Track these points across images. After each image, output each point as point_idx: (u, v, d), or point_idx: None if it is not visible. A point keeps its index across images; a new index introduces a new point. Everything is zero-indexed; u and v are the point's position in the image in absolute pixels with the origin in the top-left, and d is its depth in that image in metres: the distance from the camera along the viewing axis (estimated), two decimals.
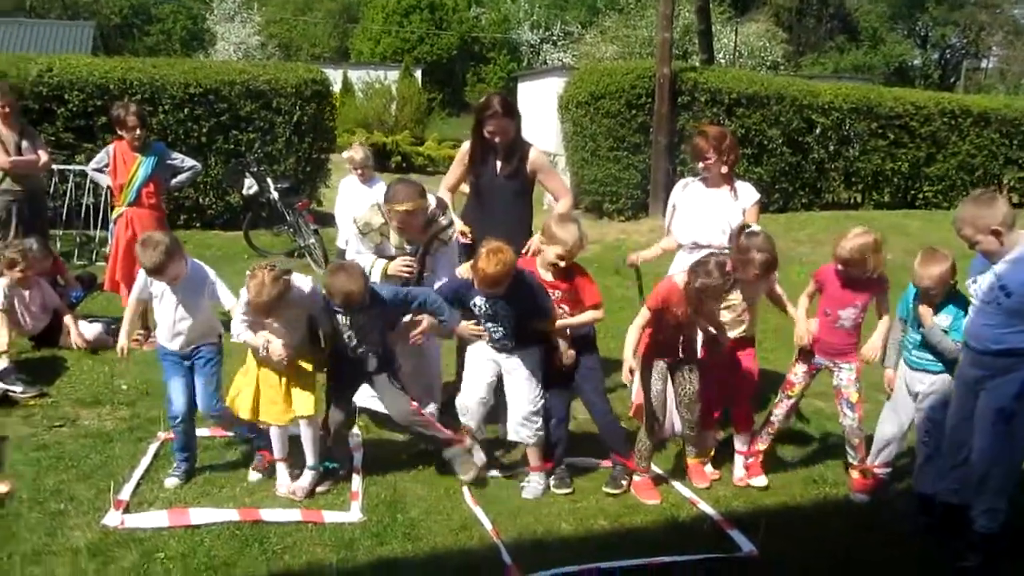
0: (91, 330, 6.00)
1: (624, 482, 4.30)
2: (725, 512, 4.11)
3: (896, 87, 18.13)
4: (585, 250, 4.44)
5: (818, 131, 13.06)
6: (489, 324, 4.19)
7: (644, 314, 4.19)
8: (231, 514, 3.79)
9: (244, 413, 4.13)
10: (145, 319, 5.87)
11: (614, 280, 8.70)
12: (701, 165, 4.77)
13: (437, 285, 4.36)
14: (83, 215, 9.30)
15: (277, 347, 3.93)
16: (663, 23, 12.08)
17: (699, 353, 4.37)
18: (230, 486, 4.16)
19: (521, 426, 4.23)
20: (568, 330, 4.28)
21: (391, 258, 4.45)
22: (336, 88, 16.21)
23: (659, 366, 4.26)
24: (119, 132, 6.10)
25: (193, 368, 4.19)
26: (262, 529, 3.71)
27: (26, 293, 5.64)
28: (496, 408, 4.43)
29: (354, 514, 3.90)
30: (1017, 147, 14.59)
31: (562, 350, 4.25)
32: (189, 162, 6.44)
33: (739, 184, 4.84)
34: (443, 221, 4.50)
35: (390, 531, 3.76)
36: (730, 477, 4.50)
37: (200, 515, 3.77)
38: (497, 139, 4.69)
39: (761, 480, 4.43)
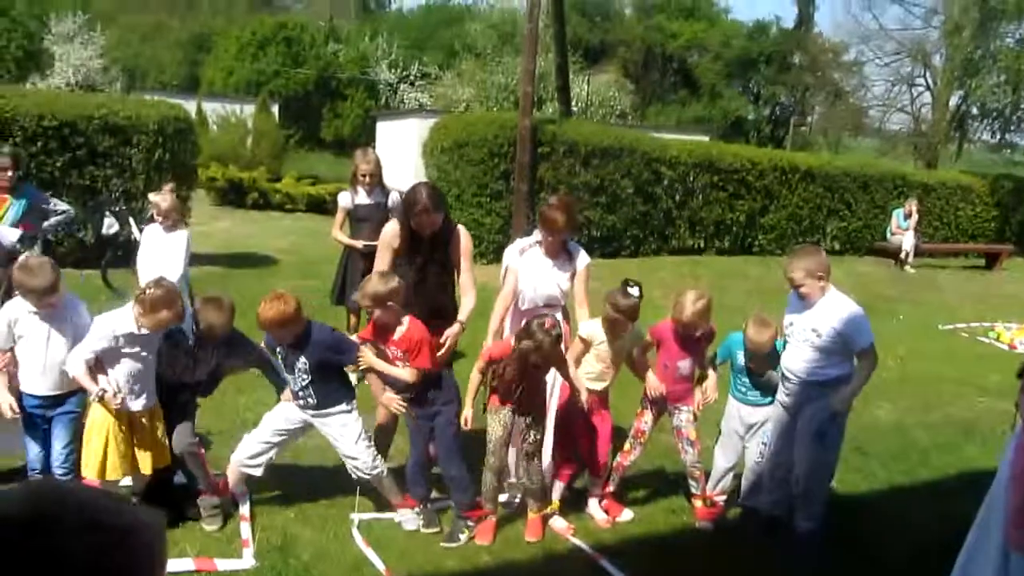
0: None
1: (462, 536, 4.40)
2: (595, 544, 4.47)
3: (733, 141, 19.64)
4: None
5: (666, 182, 13.99)
6: (289, 377, 4.37)
7: (478, 365, 4.52)
8: None
9: (90, 473, 4.06)
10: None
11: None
12: (551, 238, 4.87)
13: None
14: None
15: (112, 398, 3.96)
16: (526, 77, 12.66)
17: (547, 405, 4.65)
18: None
19: (356, 472, 4.43)
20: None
21: None
22: None
23: (502, 412, 4.46)
24: None
25: (52, 419, 4.13)
26: None
27: None
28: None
29: (247, 560, 3.98)
30: (838, 200, 16.12)
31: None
32: (62, 206, 6.28)
33: (572, 247, 4.99)
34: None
35: (285, 574, 3.88)
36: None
37: None
38: (426, 232, 4.71)
39: (627, 514, 4.82)
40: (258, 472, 4.46)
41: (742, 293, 11.95)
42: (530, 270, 4.96)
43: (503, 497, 4.77)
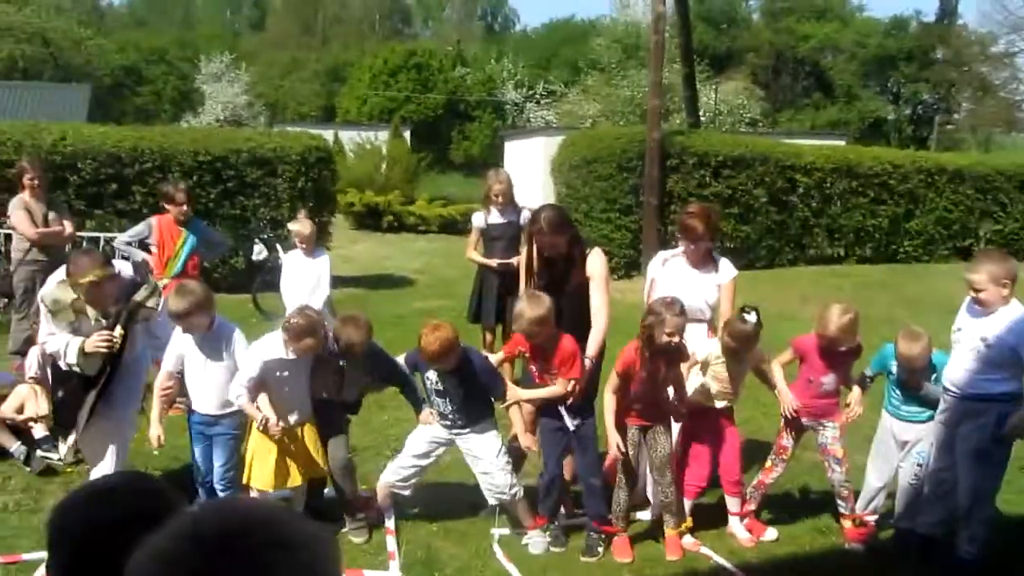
0: None
1: (600, 549, 4.40)
2: (740, 564, 4.36)
3: (872, 143, 18.81)
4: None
5: (801, 190, 13.55)
6: (438, 399, 4.44)
7: (612, 379, 4.45)
8: None
9: (260, 484, 4.31)
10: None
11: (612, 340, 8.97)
12: (692, 247, 4.81)
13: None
14: None
15: (274, 426, 4.18)
16: (653, 90, 12.59)
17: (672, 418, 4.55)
18: None
19: (492, 492, 4.46)
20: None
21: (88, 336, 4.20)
22: None
23: (630, 432, 4.43)
24: (167, 207, 6.35)
25: (212, 439, 4.38)
26: None
27: None
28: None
29: (393, 572, 4.11)
30: (991, 201, 15.15)
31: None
32: (221, 237, 6.72)
33: (719, 259, 4.90)
34: (144, 291, 4.33)
35: None
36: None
37: None
38: (547, 254, 4.63)
39: (771, 533, 4.66)
40: (406, 492, 4.61)
41: (887, 304, 11.33)
42: (672, 280, 4.88)
43: (645, 515, 4.72)
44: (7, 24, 36.83)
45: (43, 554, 4.03)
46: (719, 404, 4.66)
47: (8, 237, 7.87)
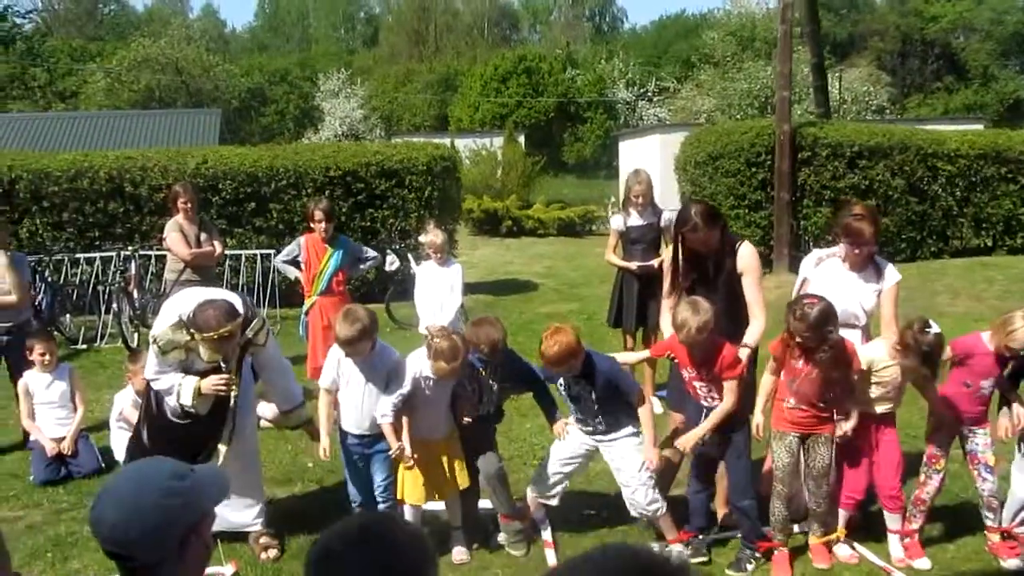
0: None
1: (749, 566, 4.22)
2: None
3: (1014, 127, 17.60)
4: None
5: (943, 178, 12.80)
6: (572, 406, 4.34)
7: (769, 367, 4.29)
8: None
9: (413, 499, 4.33)
10: None
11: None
12: (856, 250, 4.53)
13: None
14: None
15: (408, 457, 4.22)
16: (782, 82, 12.17)
17: (832, 427, 4.31)
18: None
19: (634, 505, 4.33)
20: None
21: (200, 373, 4.10)
22: None
23: (787, 439, 4.24)
24: (311, 225, 6.51)
25: (371, 457, 4.38)
26: None
27: None
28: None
29: None
30: None
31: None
32: (371, 253, 6.82)
33: (880, 262, 4.63)
34: (255, 325, 4.23)
35: None
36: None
37: None
38: (700, 250, 4.44)
39: (924, 563, 4.29)
40: (554, 502, 4.54)
41: None
42: (827, 283, 4.63)
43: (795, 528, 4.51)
44: (145, 56, 39.19)
45: None
46: (880, 409, 4.39)
47: (160, 259, 8.30)
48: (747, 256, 4.49)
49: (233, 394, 4.16)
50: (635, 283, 6.51)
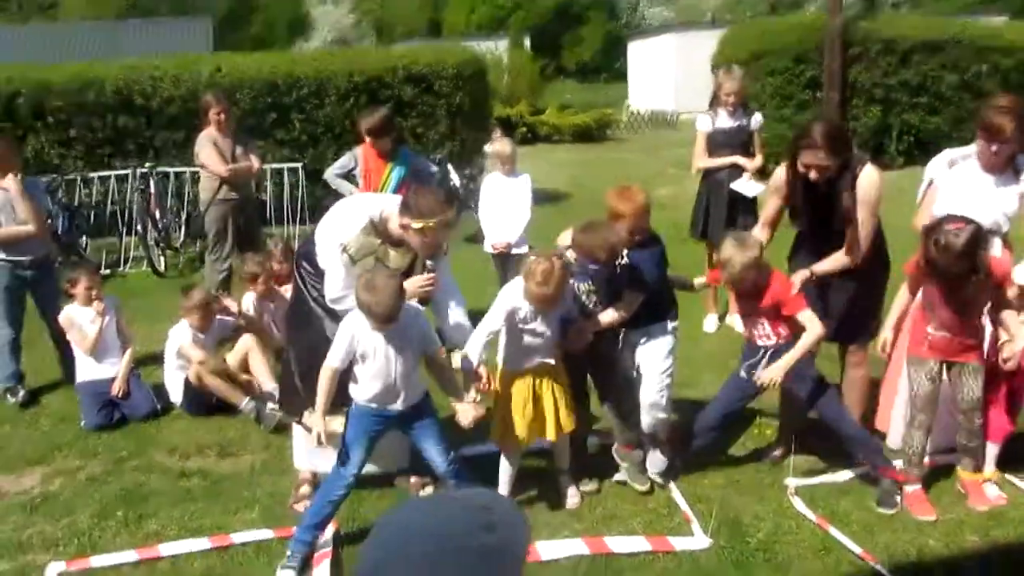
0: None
1: (897, 498, 3.83)
2: None
3: None
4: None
5: (999, 75, 12.10)
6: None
7: (907, 284, 3.93)
8: (579, 546, 3.54)
9: (519, 436, 3.79)
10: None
11: None
12: (995, 148, 3.99)
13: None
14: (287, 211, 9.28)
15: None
16: None
17: (985, 354, 3.88)
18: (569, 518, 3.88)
19: (646, 412, 4.00)
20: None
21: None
22: None
23: (928, 365, 3.81)
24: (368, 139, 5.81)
25: (412, 428, 3.59)
26: (615, 561, 3.46)
27: (271, 305, 5.52)
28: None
29: (700, 539, 3.60)
30: None
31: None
32: (432, 166, 6.17)
33: (1022, 162, 4.07)
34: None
35: (751, 560, 3.46)
36: None
37: (549, 549, 3.53)
38: (813, 175, 3.90)
39: None
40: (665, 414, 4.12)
41: None
42: (961, 188, 4.10)
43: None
44: None
45: (261, 534, 3.69)
46: None
47: (195, 177, 7.63)
48: (868, 184, 3.92)
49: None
50: (723, 190, 5.93)
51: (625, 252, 3.80)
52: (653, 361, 4.00)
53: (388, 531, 1.13)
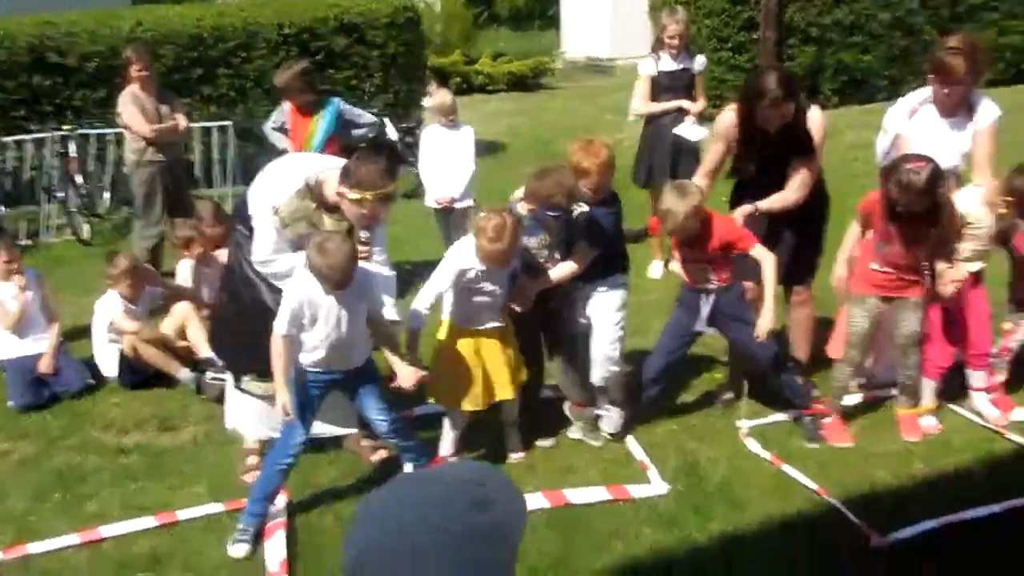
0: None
1: (823, 432, 3.93)
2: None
3: None
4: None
5: (929, 10, 12.21)
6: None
7: (856, 218, 3.94)
8: (539, 499, 3.49)
9: (468, 403, 3.71)
10: None
11: None
12: (947, 91, 3.97)
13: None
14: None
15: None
16: None
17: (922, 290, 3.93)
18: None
19: (599, 365, 3.95)
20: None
21: None
22: None
23: (869, 302, 3.86)
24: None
25: (355, 389, 3.52)
26: (574, 512, 3.43)
27: (207, 270, 5.29)
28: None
29: (658, 485, 3.60)
30: None
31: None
32: (367, 117, 5.88)
33: (975, 99, 4.06)
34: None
35: (709, 502, 3.46)
36: None
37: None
38: (774, 125, 3.85)
39: (1020, 413, 4.05)
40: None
41: None
42: (922, 137, 4.09)
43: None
44: None
45: (209, 508, 3.56)
46: (971, 268, 3.97)
47: (119, 138, 7.25)
48: (814, 126, 3.92)
49: None
50: (667, 135, 5.86)
51: (585, 206, 3.72)
52: (605, 314, 3.94)
53: (373, 519, 1.03)
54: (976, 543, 3.10)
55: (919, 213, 3.61)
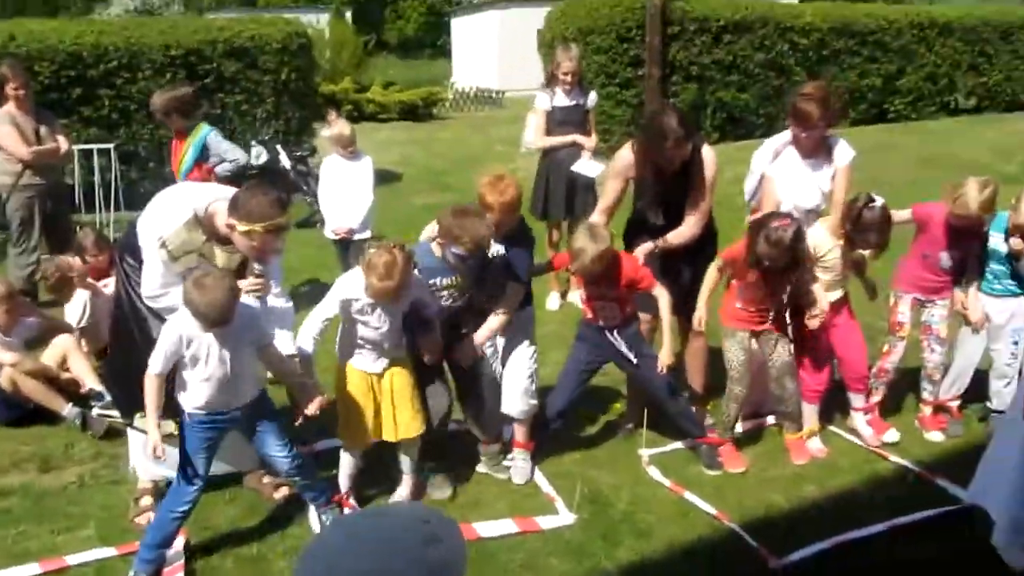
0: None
1: (720, 459, 4.09)
2: (917, 463, 4.05)
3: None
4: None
5: (799, 53, 13.01)
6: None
7: (716, 264, 4.07)
8: None
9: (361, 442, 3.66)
10: None
11: None
12: (805, 135, 4.24)
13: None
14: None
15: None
16: None
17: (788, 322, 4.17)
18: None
19: (519, 399, 3.97)
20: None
21: None
22: None
23: (739, 336, 4.07)
24: None
25: (251, 427, 3.39)
26: (484, 545, 3.44)
27: (98, 301, 5.03)
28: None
29: (565, 516, 3.65)
30: (976, 53, 14.89)
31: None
32: (231, 154, 5.40)
33: (832, 141, 4.36)
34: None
35: (615, 531, 3.53)
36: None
37: None
38: (675, 165, 3.94)
39: (892, 435, 4.31)
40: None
41: (902, 166, 11.03)
42: (785, 178, 4.37)
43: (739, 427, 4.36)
44: None
45: (100, 553, 3.39)
46: (831, 297, 4.21)
47: None
48: (711, 158, 4.06)
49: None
50: (564, 169, 5.99)
51: (501, 248, 3.72)
52: (519, 348, 3.98)
53: (327, 562, 1.02)
54: (863, 562, 3.28)
55: (783, 266, 3.82)
